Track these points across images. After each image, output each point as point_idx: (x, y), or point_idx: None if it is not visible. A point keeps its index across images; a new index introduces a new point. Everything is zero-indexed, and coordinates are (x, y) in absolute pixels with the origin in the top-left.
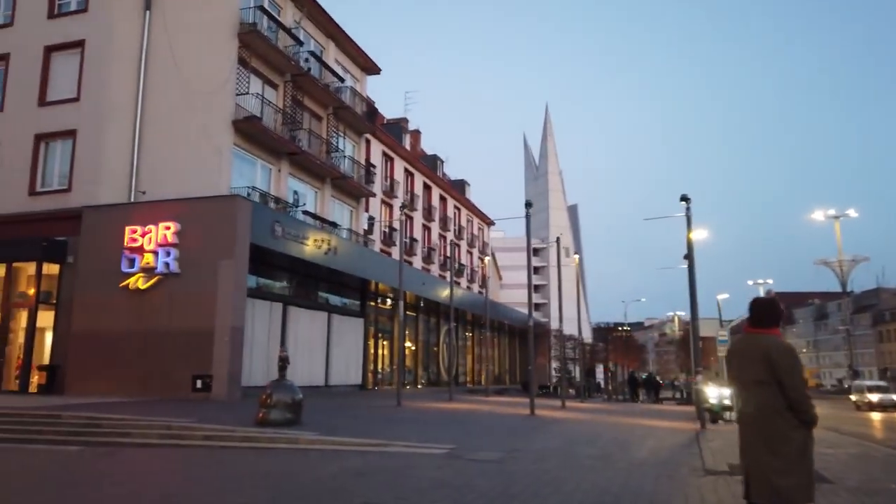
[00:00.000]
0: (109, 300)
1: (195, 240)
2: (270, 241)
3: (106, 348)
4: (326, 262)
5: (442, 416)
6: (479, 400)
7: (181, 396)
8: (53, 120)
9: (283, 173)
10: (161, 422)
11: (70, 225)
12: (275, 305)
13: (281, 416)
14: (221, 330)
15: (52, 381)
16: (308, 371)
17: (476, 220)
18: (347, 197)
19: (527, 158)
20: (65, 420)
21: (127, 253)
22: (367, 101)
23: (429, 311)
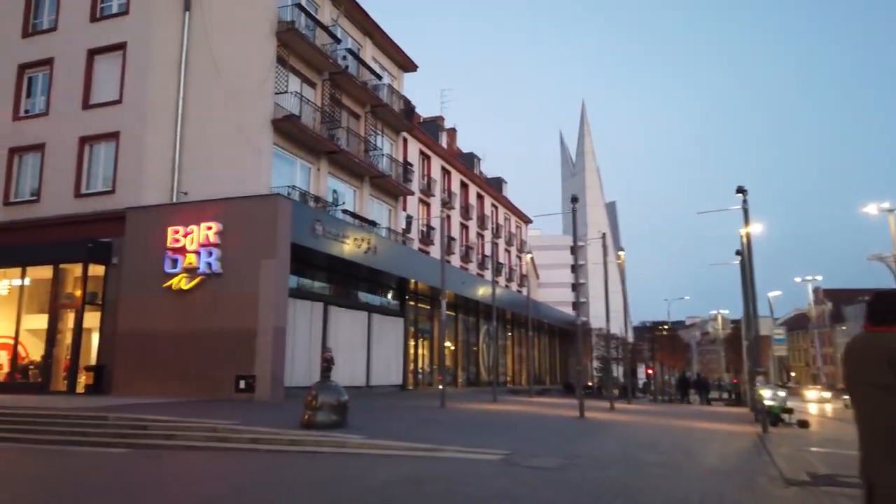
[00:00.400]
0: (153, 301)
1: (237, 240)
2: (311, 241)
3: (150, 349)
4: (366, 261)
5: (489, 418)
6: (524, 401)
7: (224, 397)
8: (97, 122)
9: (322, 172)
10: (206, 424)
11: (115, 226)
12: (315, 305)
13: (327, 419)
14: (264, 330)
15: (98, 381)
16: (350, 371)
17: (514, 218)
18: (386, 196)
19: (563, 156)
20: (111, 422)
21: (170, 253)
22: (404, 99)
23: (468, 310)
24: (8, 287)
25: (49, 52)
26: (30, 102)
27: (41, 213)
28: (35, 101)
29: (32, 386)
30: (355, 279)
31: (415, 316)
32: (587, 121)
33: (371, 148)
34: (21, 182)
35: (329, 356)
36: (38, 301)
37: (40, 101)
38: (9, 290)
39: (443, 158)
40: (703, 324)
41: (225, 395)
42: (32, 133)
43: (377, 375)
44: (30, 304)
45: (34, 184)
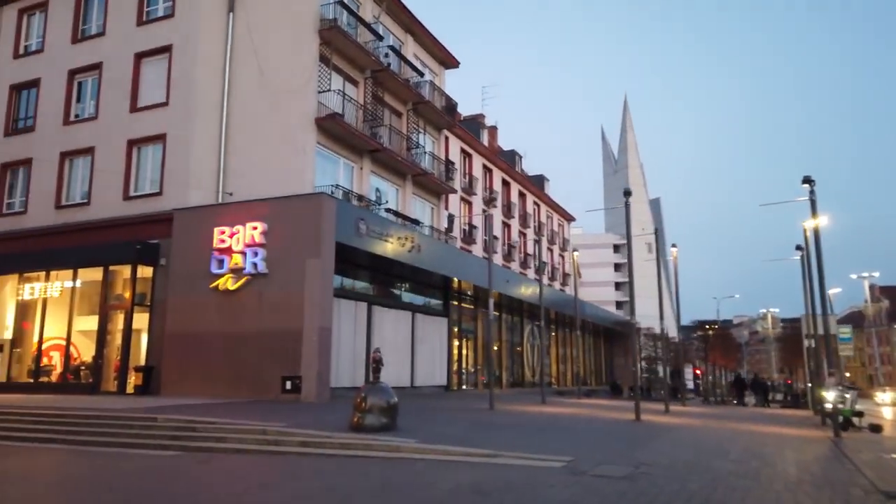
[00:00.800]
0: (200, 301)
1: (282, 239)
2: (355, 239)
3: (198, 349)
4: (410, 259)
5: (541, 420)
6: (573, 403)
7: (271, 398)
8: (144, 125)
9: (364, 171)
10: (256, 426)
11: (162, 227)
12: (360, 305)
13: (376, 421)
14: (310, 330)
15: (147, 382)
16: (394, 372)
17: (556, 216)
18: (428, 194)
19: (605, 152)
20: (160, 424)
21: (216, 254)
22: (445, 96)
23: (511, 309)
24: (60, 289)
25: (98, 57)
26: (79, 107)
27: (91, 216)
28: (84, 105)
29: (84, 387)
30: (398, 279)
31: (458, 316)
32: (630, 115)
33: (413, 146)
34: (72, 186)
35: (378, 357)
36: (89, 303)
37: (89, 105)
38: (60, 292)
39: (484, 156)
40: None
41: (272, 396)
42: (82, 137)
43: (421, 376)
44: (81, 305)
45: (84, 187)
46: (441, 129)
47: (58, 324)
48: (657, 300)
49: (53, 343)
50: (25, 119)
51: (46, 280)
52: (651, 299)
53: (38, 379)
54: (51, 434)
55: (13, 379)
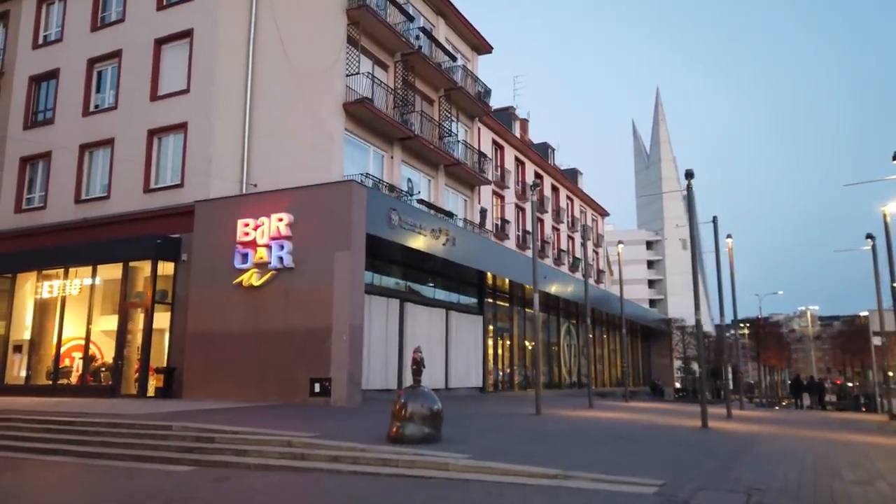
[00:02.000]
0: (223, 298)
1: (309, 231)
2: (386, 231)
3: (221, 349)
4: (445, 253)
5: (598, 428)
6: (621, 406)
7: (299, 401)
8: (165, 114)
9: (395, 160)
10: (280, 436)
11: (184, 221)
12: (391, 302)
13: (418, 432)
14: (339, 328)
15: (168, 384)
16: (428, 373)
17: (590, 210)
18: (461, 185)
19: (636, 146)
20: (175, 433)
21: (240, 248)
22: (479, 82)
23: (547, 307)
24: (79, 287)
25: (117, 45)
26: (99, 97)
27: (111, 211)
28: (104, 95)
29: (104, 389)
30: (431, 274)
31: (493, 313)
32: (662, 108)
33: (445, 134)
34: (91, 179)
35: (420, 357)
36: (110, 301)
37: (109, 95)
38: (80, 290)
39: (516, 148)
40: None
41: (299, 400)
42: (102, 128)
43: (456, 377)
44: (101, 303)
45: (104, 180)
46: (474, 118)
47: (77, 323)
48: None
49: (73, 344)
50: (45, 111)
51: (65, 278)
52: (687, 296)
53: (57, 381)
54: (58, 444)
55: (32, 381)
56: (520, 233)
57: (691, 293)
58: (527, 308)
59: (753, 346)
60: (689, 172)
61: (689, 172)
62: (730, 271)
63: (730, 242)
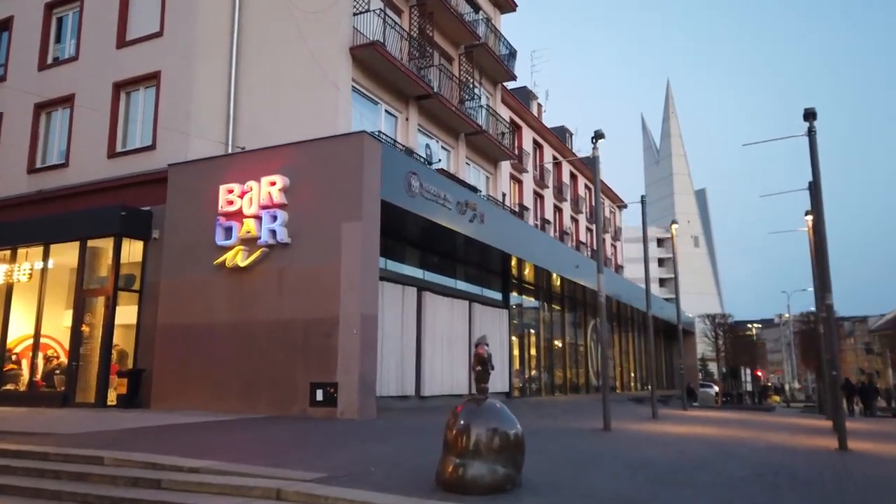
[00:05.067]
0: (202, 284)
1: (309, 198)
2: (405, 200)
3: (200, 347)
4: (472, 232)
5: (712, 453)
6: (690, 417)
7: (296, 412)
8: (134, 63)
9: (411, 123)
10: (263, 480)
11: (156, 191)
12: (407, 291)
13: (489, 474)
14: (348, 319)
15: (134, 390)
16: (449, 376)
17: (607, 201)
18: (484, 160)
19: (646, 141)
20: (104, 471)
21: (222, 220)
22: (504, 40)
23: (574, 303)
24: (28, 272)
25: None
26: (58, 48)
27: (70, 181)
28: (64, 46)
29: (56, 397)
30: (452, 259)
31: (519, 307)
32: (673, 102)
33: (467, 97)
34: (49, 145)
35: (485, 354)
36: (66, 288)
37: (70, 45)
38: (29, 276)
39: (535, 130)
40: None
41: (297, 410)
42: (60, 84)
43: None
44: (54, 292)
45: (62, 146)
46: (497, 84)
47: (27, 316)
48: (707, 296)
49: (22, 341)
50: None
51: (12, 261)
52: (700, 295)
53: (1, 387)
54: None
55: None
56: (538, 221)
57: (702, 293)
58: (553, 304)
59: (798, 345)
60: None
61: None
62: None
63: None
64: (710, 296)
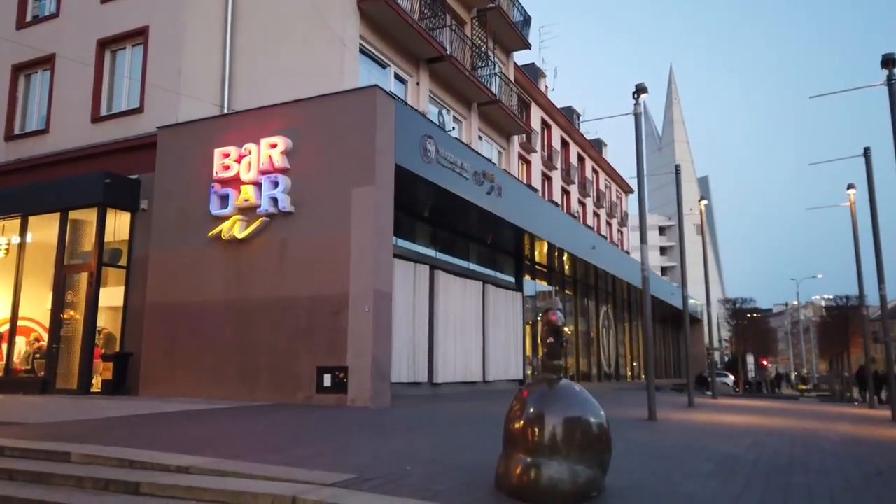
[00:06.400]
0: (196, 258)
1: (314, 161)
2: (420, 166)
3: (193, 328)
4: (490, 205)
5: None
6: (726, 406)
7: (301, 400)
8: (120, 18)
9: (422, 89)
10: (272, 482)
11: (144, 158)
12: (419, 269)
13: (571, 477)
14: (360, 296)
15: (121, 375)
16: (463, 362)
17: (614, 185)
18: (497, 133)
19: (647, 129)
20: (71, 472)
21: (217, 187)
22: (517, 5)
23: (586, 288)
24: (5, 246)
25: None
26: (37, 5)
27: (51, 148)
28: (44, 2)
29: (35, 383)
30: (465, 237)
31: (532, 291)
32: (676, 88)
33: (480, 64)
34: (28, 110)
35: (558, 321)
36: (48, 266)
37: (50, 1)
38: (6, 251)
39: (543, 109)
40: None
41: (302, 398)
42: (40, 43)
43: (494, 367)
44: (35, 270)
45: (42, 110)
46: (510, 53)
47: (4, 296)
48: (710, 284)
49: (1, 325)
50: None
51: None
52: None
53: None
54: None
55: None
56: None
57: (703, 282)
58: (567, 289)
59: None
60: None
61: None
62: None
63: (851, 195)
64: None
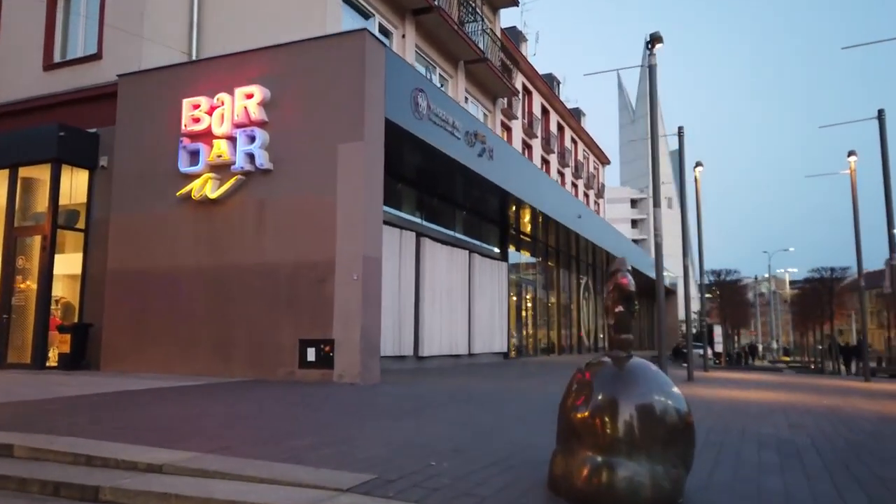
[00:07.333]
0: (162, 220)
1: (296, 114)
2: (411, 122)
3: (160, 296)
4: (481, 168)
5: (818, 422)
6: (723, 379)
7: (282, 376)
8: None
9: (408, 42)
10: (273, 487)
11: (103, 110)
12: (406, 235)
13: (652, 479)
14: (347, 262)
15: (80, 349)
16: (449, 334)
17: (592, 156)
18: (484, 94)
19: (621, 101)
20: (11, 472)
21: (186, 142)
22: None
23: (568, 259)
24: None
25: None
26: None
27: None
28: None
29: None
30: (452, 203)
31: (516, 262)
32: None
33: (467, 19)
34: None
35: (629, 285)
36: None
37: None
38: None
39: (524, 74)
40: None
41: (283, 374)
42: None
43: (480, 340)
44: None
45: None
46: (497, 10)
47: None
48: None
49: None
50: None
51: None
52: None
53: None
54: None
55: None
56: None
57: (675, 255)
58: (549, 260)
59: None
60: None
61: None
62: None
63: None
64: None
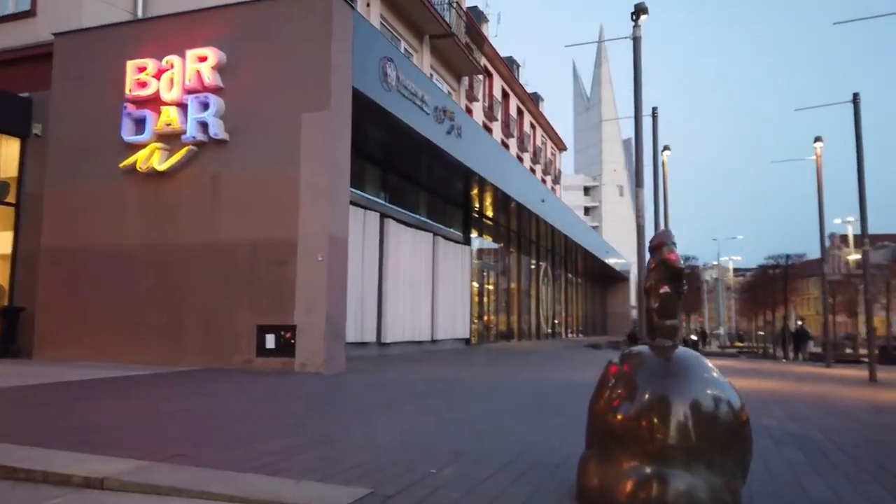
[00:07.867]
0: (104, 195)
1: (255, 79)
2: (379, 93)
3: (101, 277)
4: (449, 146)
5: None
6: None
7: (238, 364)
8: None
9: (373, 10)
10: None
11: (37, 72)
12: (369, 216)
13: (710, 493)
14: (311, 243)
15: (10, 334)
16: (412, 319)
17: (549, 142)
18: (448, 71)
19: (576, 89)
20: None
21: (131, 108)
22: None
23: (528, 244)
24: None
25: None
26: None
27: None
28: None
29: None
30: (416, 184)
31: (479, 246)
32: (605, 47)
33: None
34: None
35: (679, 263)
36: None
37: None
38: None
39: (486, 56)
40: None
41: (239, 361)
42: None
43: (442, 326)
44: None
45: None
46: None
47: None
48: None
49: None
50: None
51: None
52: (625, 244)
53: None
54: None
55: None
56: None
57: (628, 242)
58: (511, 246)
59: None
60: None
61: None
62: None
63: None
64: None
